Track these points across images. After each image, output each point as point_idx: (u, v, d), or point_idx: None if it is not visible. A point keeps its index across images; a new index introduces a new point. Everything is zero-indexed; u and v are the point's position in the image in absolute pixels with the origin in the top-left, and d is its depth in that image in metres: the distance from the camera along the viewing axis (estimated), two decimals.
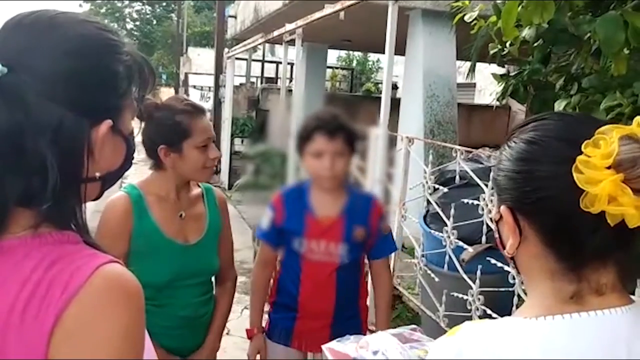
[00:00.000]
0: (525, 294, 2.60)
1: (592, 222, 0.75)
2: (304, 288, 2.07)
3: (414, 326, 1.34)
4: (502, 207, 0.85)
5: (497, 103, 2.71)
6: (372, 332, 2.53)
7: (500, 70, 2.48)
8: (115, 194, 1.83)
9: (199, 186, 2.00)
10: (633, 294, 1.71)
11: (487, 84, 13.43)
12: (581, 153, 0.75)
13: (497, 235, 0.91)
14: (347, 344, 1.27)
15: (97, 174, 0.81)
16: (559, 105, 1.91)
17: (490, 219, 2.89)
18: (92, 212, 1.85)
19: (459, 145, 3.55)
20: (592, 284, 0.80)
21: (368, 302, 2.27)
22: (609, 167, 0.73)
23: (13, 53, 0.75)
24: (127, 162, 0.88)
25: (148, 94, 0.93)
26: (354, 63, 24.43)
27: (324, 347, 1.29)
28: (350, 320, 2.11)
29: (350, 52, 22.53)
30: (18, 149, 0.72)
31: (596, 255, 0.79)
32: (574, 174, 0.74)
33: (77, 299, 0.70)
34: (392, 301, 2.39)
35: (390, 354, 1.18)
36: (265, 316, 2.23)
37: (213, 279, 2.04)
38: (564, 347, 0.77)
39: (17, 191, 0.73)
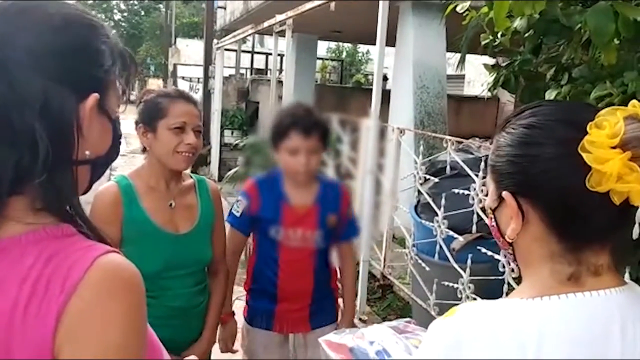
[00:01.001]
0: (516, 282, 2.63)
1: (597, 201, 0.77)
2: (283, 273, 2.14)
3: (408, 319, 1.36)
4: (504, 193, 0.86)
5: (488, 94, 2.73)
6: (363, 321, 2.57)
7: (491, 61, 2.49)
8: (104, 184, 1.85)
9: (191, 177, 2.01)
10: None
11: (476, 76, 13.48)
12: (584, 135, 0.77)
13: (493, 224, 0.92)
14: (343, 336, 1.28)
15: (87, 152, 0.81)
16: (549, 95, 1.93)
17: (481, 208, 2.92)
18: (84, 203, 1.85)
19: (449, 136, 3.57)
20: (590, 265, 0.82)
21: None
22: (614, 147, 0.76)
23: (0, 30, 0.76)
24: (114, 148, 0.88)
25: (131, 83, 0.93)
26: (344, 54, 24.40)
27: (320, 340, 1.30)
28: (325, 300, 2.24)
29: (340, 43, 22.49)
30: (6, 123, 0.73)
31: (598, 235, 0.82)
32: (582, 154, 0.76)
33: (77, 295, 0.70)
34: (382, 288, 2.47)
35: (386, 343, 1.20)
36: (242, 303, 2.31)
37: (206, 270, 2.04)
38: (560, 327, 0.78)
39: (10, 165, 0.73)
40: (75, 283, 0.71)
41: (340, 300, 2.34)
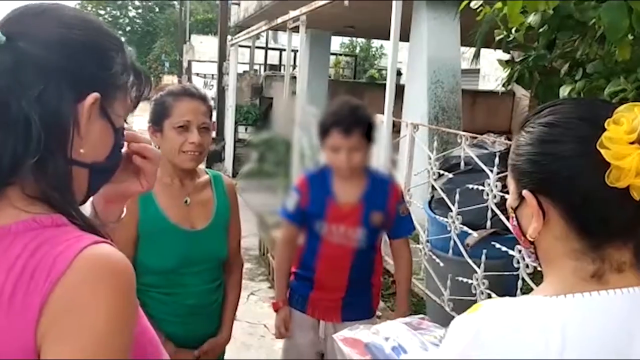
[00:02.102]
0: (530, 278, 2.61)
1: (617, 198, 0.78)
2: (320, 266, 2.22)
3: (422, 315, 1.35)
4: (525, 192, 0.86)
5: (502, 89, 2.72)
6: (377, 317, 2.58)
7: (505, 56, 2.48)
8: None
9: (207, 173, 2.01)
10: None
11: (491, 70, 13.37)
12: (602, 132, 0.78)
13: (515, 223, 0.92)
14: (358, 332, 1.27)
15: (82, 150, 0.81)
16: (564, 91, 1.93)
17: (496, 204, 2.92)
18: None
19: (463, 131, 3.56)
20: (613, 262, 0.82)
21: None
22: (632, 143, 0.76)
23: (15, 24, 0.79)
24: (115, 157, 0.88)
25: (145, 99, 0.95)
26: (357, 50, 24.33)
27: (334, 336, 1.30)
28: (361, 296, 2.28)
29: (354, 38, 22.43)
30: (5, 109, 0.75)
31: (619, 232, 0.82)
32: (601, 150, 0.77)
33: (61, 283, 0.70)
34: (395, 284, 2.49)
35: (402, 339, 1.20)
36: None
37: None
38: (584, 325, 0.78)
39: (8, 152, 0.75)
40: (60, 272, 0.70)
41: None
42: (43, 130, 0.75)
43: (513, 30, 2.13)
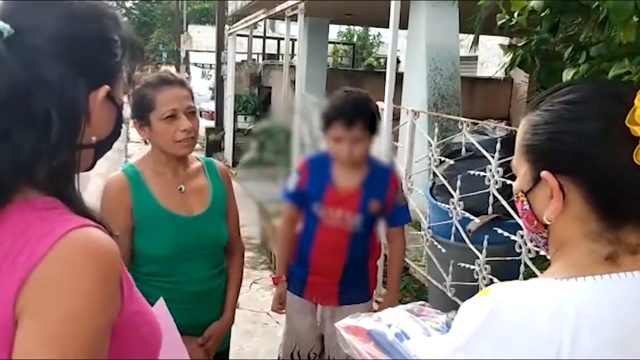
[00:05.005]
0: (533, 262, 2.61)
1: (638, 177, 0.76)
2: (317, 249, 2.26)
3: (422, 302, 1.34)
4: (544, 173, 0.83)
5: (503, 75, 2.71)
6: (379, 303, 2.59)
7: (504, 42, 2.48)
8: (113, 173, 1.88)
9: (198, 160, 2.01)
10: None
11: (489, 57, 13.35)
12: (628, 108, 0.76)
13: (526, 207, 0.89)
14: (360, 319, 1.26)
15: (93, 138, 0.84)
16: (567, 75, 1.92)
17: (497, 190, 2.92)
18: (101, 191, 1.86)
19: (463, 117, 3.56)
20: (628, 244, 0.80)
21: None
22: None
23: (23, 17, 0.79)
24: (116, 132, 0.92)
25: (136, 71, 0.97)
26: (355, 38, 24.24)
27: (336, 325, 1.28)
28: (357, 280, 2.33)
29: (351, 27, 22.34)
30: (26, 107, 0.76)
31: (638, 212, 0.80)
32: (631, 127, 0.75)
33: (43, 261, 0.72)
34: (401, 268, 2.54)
35: (404, 325, 1.19)
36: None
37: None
38: (597, 307, 0.77)
39: (28, 147, 0.76)
40: (44, 251, 0.72)
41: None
42: (60, 124, 0.77)
43: (515, 15, 2.12)
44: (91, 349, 0.73)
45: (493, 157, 2.96)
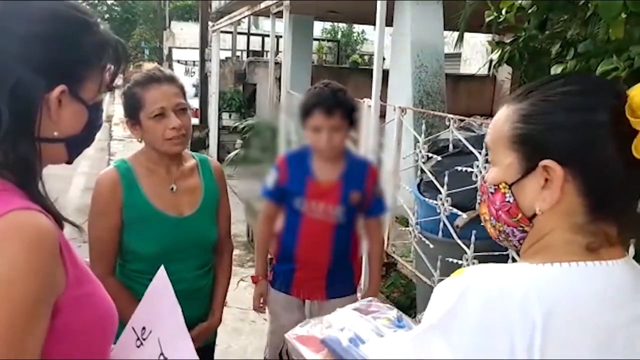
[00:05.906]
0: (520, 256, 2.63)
1: (629, 171, 0.78)
2: (302, 243, 2.27)
3: (370, 298, 1.32)
4: (548, 162, 0.80)
5: (489, 72, 2.73)
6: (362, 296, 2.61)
7: (488, 39, 2.49)
8: (104, 169, 1.88)
9: (194, 157, 2.00)
10: None
11: (472, 54, 13.44)
12: (624, 102, 0.77)
13: (509, 200, 0.86)
14: (311, 327, 1.21)
15: (56, 133, 0.89)
16: (555, 71, 1.93)
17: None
18: (83, 189, 1.88)
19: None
20: (608, 236, 0.81)
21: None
22: None
23: None
24: (90, 129, 0.96)
25: (123, 72, 1.01)
26: (339, 35, 24.22)
27: (287, 335, 1.23)
28: (342, 272, 2.34)
29: (335, 24, 22.32)
30: None
31: (622, 206, 0.81)
32: (631, 119, 0.75)
33: None
34: (385, 266, 2.57)
35: (357, 328, 1.15)
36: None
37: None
38: (571, 292, 0.77)
39: None
40: None
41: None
42: (12, 118, 0.82)
43: (503, 12, 2.14)
44: (25, 316, 0.76)
45: (480, 153, 2.98)
